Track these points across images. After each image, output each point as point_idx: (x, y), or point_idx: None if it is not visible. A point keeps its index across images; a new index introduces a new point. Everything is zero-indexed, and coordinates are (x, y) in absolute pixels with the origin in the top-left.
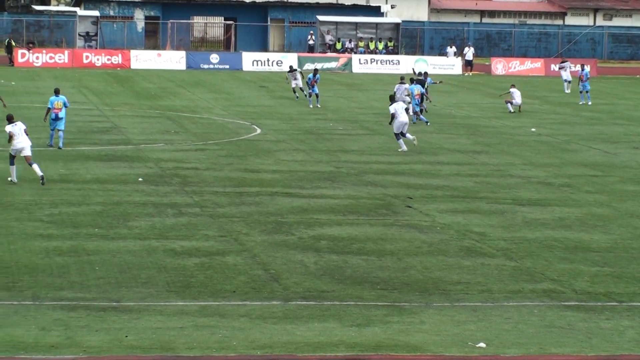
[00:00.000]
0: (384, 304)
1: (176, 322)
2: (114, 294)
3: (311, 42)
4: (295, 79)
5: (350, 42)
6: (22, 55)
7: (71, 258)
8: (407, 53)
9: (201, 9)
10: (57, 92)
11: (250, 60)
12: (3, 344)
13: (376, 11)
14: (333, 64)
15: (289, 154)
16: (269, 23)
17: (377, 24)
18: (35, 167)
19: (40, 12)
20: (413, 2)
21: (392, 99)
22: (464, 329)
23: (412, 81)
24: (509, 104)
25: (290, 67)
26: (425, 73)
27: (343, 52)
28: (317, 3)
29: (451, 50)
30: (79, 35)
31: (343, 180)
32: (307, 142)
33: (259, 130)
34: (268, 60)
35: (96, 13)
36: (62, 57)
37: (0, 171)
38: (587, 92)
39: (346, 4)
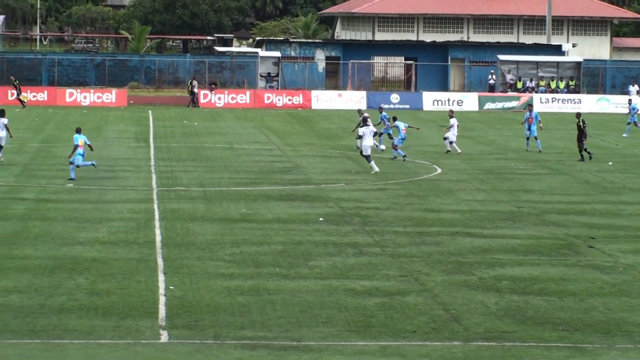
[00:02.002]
0: (565, 345)
1: None
2: (295, 333)
3: (492, 81)
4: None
5: (531, 81)
6: (205, 96)
7: (252, 297)
8: (588, 92)
9: (381, 49)
10: (79, 131)
11: (430, 100)
12: None
13: (557, 50)
14: (514, 103)
15: (470, 193)
16: (449, 62)
17: (558, 62)
18: None
19: (222, 54)
20: (595, 41)
21: (365, 122)
22: None
23: (394, 119)
24: None
25: (365, 117)
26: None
27: (524, 91)
28: (498, 42)
29: (633, 88)
30: (261, 75)
31: (524, 220)
32: (488, 182)
33: (439, 170)
34: (448, 99)
35: (277, 54)
36: (243, 97)
37: (184, 211)
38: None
39: (527, 42)
